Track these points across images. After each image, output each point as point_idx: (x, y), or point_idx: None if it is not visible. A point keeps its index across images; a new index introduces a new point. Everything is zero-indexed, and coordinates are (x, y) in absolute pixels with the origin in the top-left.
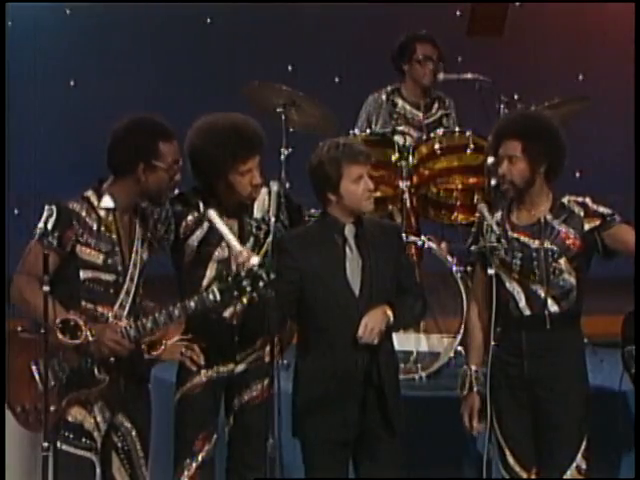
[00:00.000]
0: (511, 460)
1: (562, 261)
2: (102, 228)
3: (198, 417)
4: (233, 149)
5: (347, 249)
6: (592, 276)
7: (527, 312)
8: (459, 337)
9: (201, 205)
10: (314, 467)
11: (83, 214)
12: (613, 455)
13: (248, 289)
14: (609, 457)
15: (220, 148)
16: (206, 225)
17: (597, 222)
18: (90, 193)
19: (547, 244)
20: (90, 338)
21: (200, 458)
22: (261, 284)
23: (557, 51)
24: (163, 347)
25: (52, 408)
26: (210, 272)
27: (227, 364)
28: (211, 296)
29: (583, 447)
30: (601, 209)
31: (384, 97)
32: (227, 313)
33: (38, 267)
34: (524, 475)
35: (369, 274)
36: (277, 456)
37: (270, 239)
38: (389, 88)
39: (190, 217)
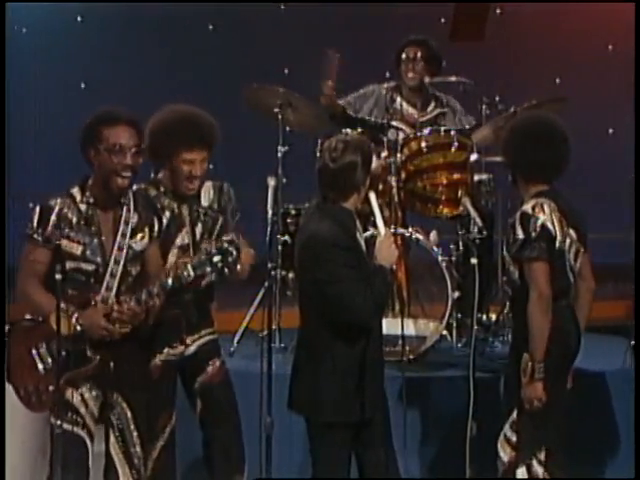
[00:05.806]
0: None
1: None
2: (82, 221)
3: (157, 399)
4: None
5: (357, 234)
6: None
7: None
8: (444, 322)
9: (163, 196)
10: (323, 448)
11: (64, 209)
12: (592, 430)
13: (219, 264)
14: (589, 432)
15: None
16: (168, 213)
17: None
18: (75, 190)
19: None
20: (78, 326)
21: (165, 438)
22: (230, 259)
23: (535, 56)
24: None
25: (51, 388)
26: (172, 257)
27: (177, 347)
28: (185, 273)
29: (511, 419)
30: (520, 235)
31: (383, 91)
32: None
33: (34, 266)
34: (507, 449)
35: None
36: (271, 434)
37: (219, 226)
38: (392, 84)
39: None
